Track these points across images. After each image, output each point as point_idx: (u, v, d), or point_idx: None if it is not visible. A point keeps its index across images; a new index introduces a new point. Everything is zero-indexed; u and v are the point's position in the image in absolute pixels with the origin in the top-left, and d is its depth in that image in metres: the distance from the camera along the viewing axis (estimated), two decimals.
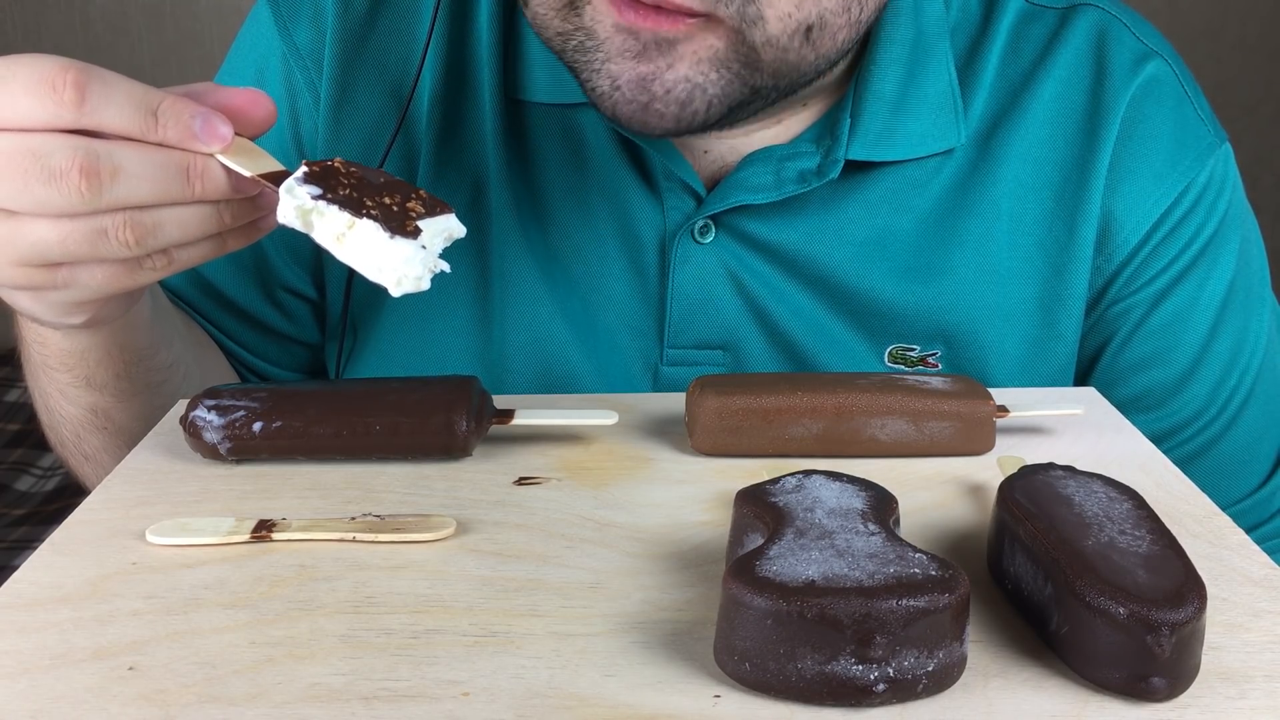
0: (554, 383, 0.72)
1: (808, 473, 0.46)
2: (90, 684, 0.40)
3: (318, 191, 0.48)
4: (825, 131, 0.70)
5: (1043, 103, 0.72)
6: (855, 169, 0.70)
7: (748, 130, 0.70)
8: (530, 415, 0.57)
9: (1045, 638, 0.41)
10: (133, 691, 0.39)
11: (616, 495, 0.53)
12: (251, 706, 0.38)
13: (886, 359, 0.72)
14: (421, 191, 0.51)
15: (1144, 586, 0.39)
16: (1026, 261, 0.72)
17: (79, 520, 0.51)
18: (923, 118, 0.70)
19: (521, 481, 0.54)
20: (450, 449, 0.55)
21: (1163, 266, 0.72)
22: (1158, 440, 0.71)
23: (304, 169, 0.49)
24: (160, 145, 0.48)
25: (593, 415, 0.57)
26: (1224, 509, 0.51)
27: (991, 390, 0.57)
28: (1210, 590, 0.40)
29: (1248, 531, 0.50)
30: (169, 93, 0.49)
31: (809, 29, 0.59)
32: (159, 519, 0.50)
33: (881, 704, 0.38)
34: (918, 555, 0.40)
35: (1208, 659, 0.40)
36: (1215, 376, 0.74)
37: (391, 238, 0.47)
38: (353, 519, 0.50)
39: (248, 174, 0.49)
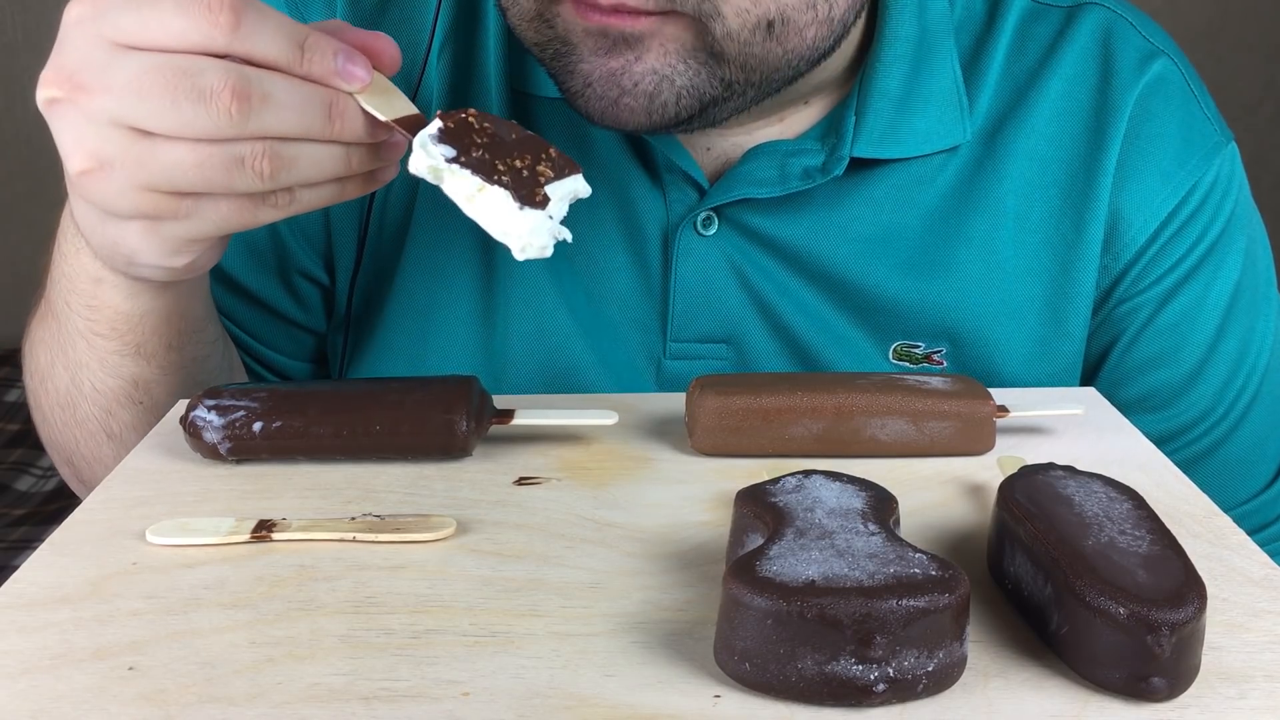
0: (557, 375, 0.72)
1: (808, 473, 0.46)
2: (90, 684, 0.40)
3: (452, 154, 0.49)
4: (830, 129, 0.70)
5: (1049, 101, 0.72)
6: (860, 166, 0.70)
7: (749, 128, 0.70)
8: (530, 415, 0.57)
9: (1045, 638, 0.41)
10: (133, 691, 0.39)
11: (616, 495, 0.53)
12: (251, 706, 0.38)
13: (891, 356, 0.72)
14: (553, 150, 0.51)
15: (1144, 586, 0.39)
16: (1033, 259, 0.72)
17: (79, 520, 0.51)
18: (928, 115, 0.70)
19: (521, 481, 0.54)
20: (450, 449, 0.55)
21: (1170, 266, 0.72)
22: (1164, 441, 0.71)
23: (439, 123, 0.50)
24: (305, 79, 0.49)
25: (593, 415, 0.57)
26: (1229, 510, 0.51)
27: (992, 390, 0.57)
28: (1210, 590, 0.39)
29: (1253, 534, 0.50)
30: (312, 28, 0.49)
31: (770, 24, 0.59)
32: (159, 519, 0.50)
33: (881, 704, 0.38)
34: (918, 555, 0.40)
35: (1208, 659, 0.40)
36: (1222, 377, 0.74)
37: (521, 208, 0.48)
38: (353, 519, 0.50)
39: (384, 118, 0.50)
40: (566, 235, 0.50)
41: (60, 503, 1.82)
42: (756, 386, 0.56)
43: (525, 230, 0.48)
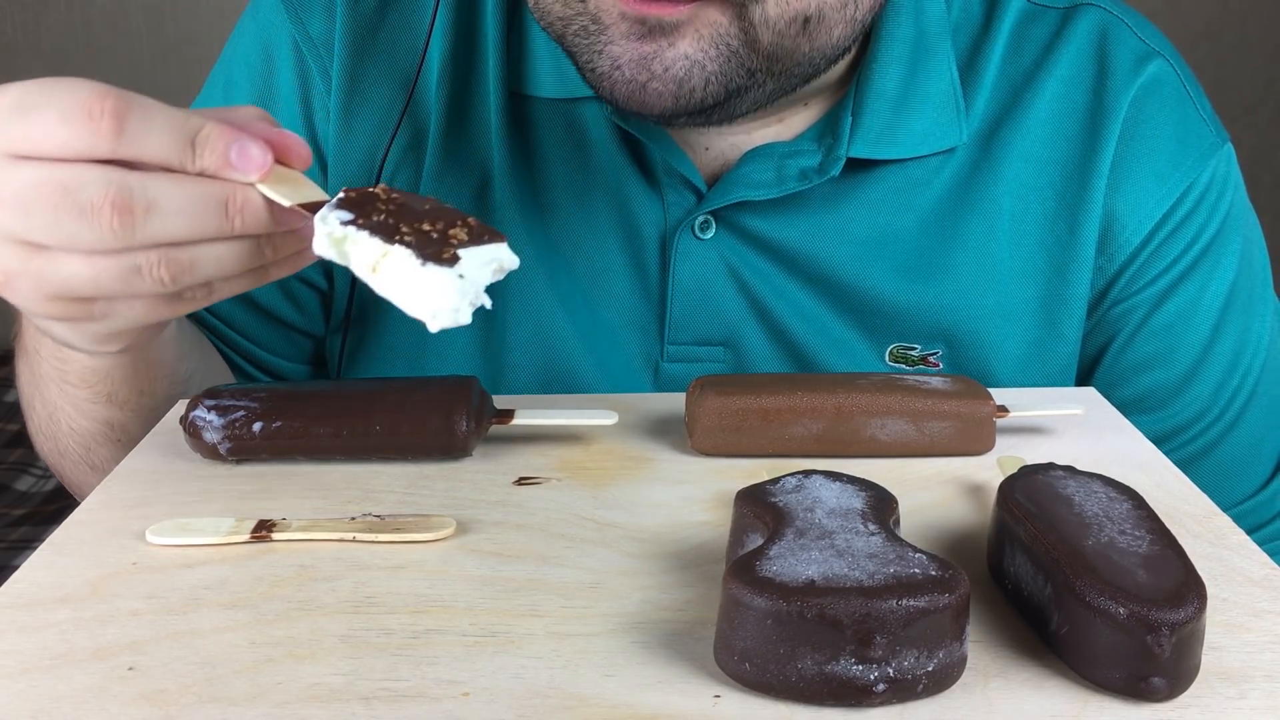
0: (556, 376, 0.72)
1: (808, 473, 0.46)
2: (90, 684, 0.40)
3: (349, 217, 0.45)
4: (827, 130, 0.70)
5: (1045, 102, 0.72)
6: (857, 167, 0.70)
7: (749, 128, 0.70)
8: (530, 415, 0.57)
9: (1045, 638, 0.41)
10: (133, 691, 0.39)
11: (616, 495, 0.53)
12: (251, 706, 0.38)
13: (887, 358, 0.72)
14: (471, 219, 0.47)
15: (1144, 586, 0.39)
16: (1028, 261, 0.72)
17: (79, 520, 0.51)
18: (924, 116, 0.70)
19: (521, 481, 0.54)
20: (450, 449, 0.55)
21: (1165, 267, 0.72)
22: (1159, 441, 0.71)
23: (341, 195, 0.47)
24: (198, 176, 0.47)
25: (593, 415, 0.57)
26: (1226, 510, 0.51)
27: (991, 390, 0.57)
28: (1210, 590, 0.40)
29: (1250, 533, 0.50)
30: (207, 118, 0.47)
31: (807, 20, 0.59)
32: (159, 519, 0.50)
33: (881, 704, 0.38)
34: (918, 555, 0.40)
35: (1208, 659, 0.40)
36: (1217, 377, 0.74)
37: (424, 264, 0.43)
38: (353, 519, 0.50)
39: (288, 203, 0.47)
40: (486, 301, 0.45)
41: (60, 503, 1.82)
42: (756, 386, 0.56)
43: (434, 291, 0.43)
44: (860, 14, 0.62)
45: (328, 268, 0.76)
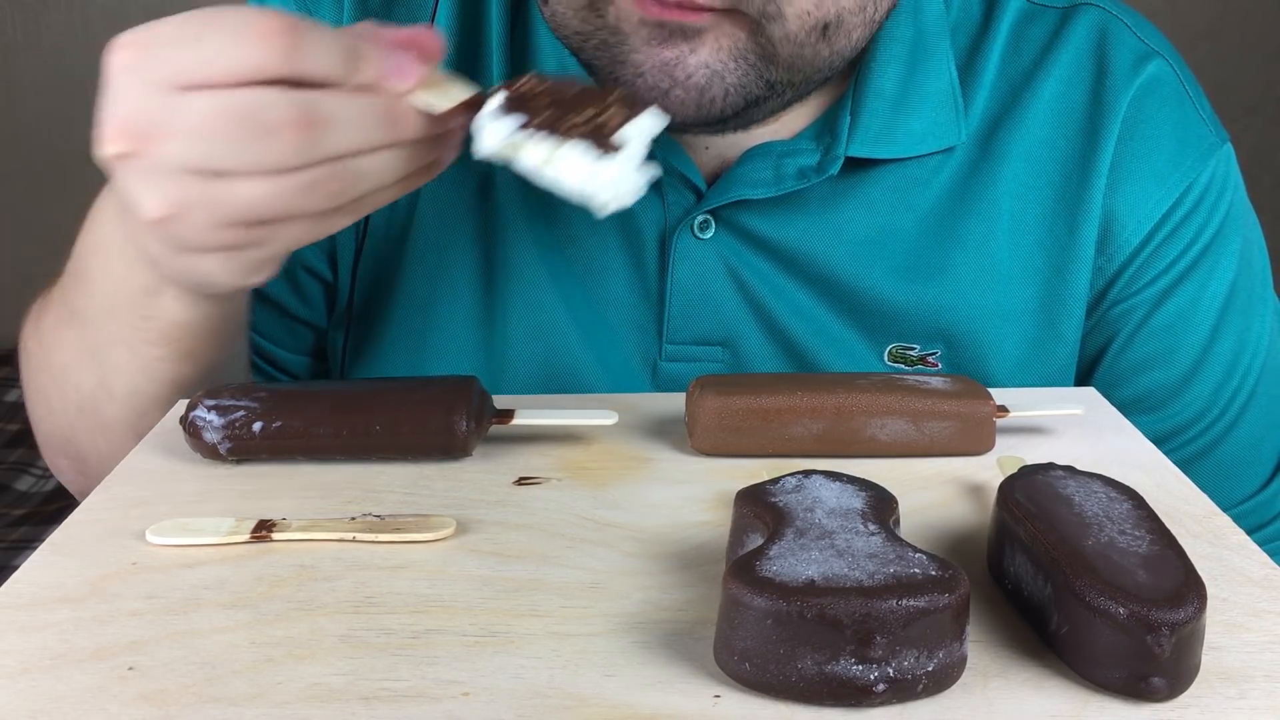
0: (556, 373, 0.72)
1: (808, 473, 0.46)
2: (90, 684, 0.40)
3: (520, 122, 0.48)
4: (825, 128, 0.70)
5: (1044, 102, 0.72)
6: (856, 166, 0.70)
7: (749, 127, 0.70)
8: (530, 415, 0.57)
9: (1045, 638, 0.41)
10: (133, 691, 0.39)
11: (616, 495, 0.53)
12: (251, 706, 0.38)
13: (886, 358, 0.72)
14: (618, 91, 0.50)
15: (1144, 586, 0.39)
16: (1027, 261, 0.72)
17: (79, 520, 0.51)
18: (923, 116, 0.70)
19: (521, 481, 0.54)
20: (450, 449, 0.55)
21: (1164, 267, 0.72)
22: (1159, 442, 0.71)
23: (501, 95, 0.48)
24: (359, 89, 0.48)
25: (593, 415, 0.57)
26: (1226, 510, 0.51)
27: (991, 390, 0.57)
28: (1210, 590, 0.39)
29: (1249, 533, 0.50)
30: (353, 33, 0.49)
31: (826, 26, 0.59)
32: (159, 519, 0.50)
33: (881, 704, 0.38)
34: (918, 555, 0.40)
35: (1208, 659, 0.40)
36: (1217, 378, 0.74)
37: (598, 158, 0.47)
38: (353, 519, 0.50)
39: (442, 109, 0.49)
40: (655, 172, 0.49)
41: (60, 503, 1.82)
42: (756, 386, 0.56)
43: (607, 181, 0.47)
44: (879, 15, 0.62)
45: (332, 257, 0.76)
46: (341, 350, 0.77)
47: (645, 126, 0.49)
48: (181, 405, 0.60)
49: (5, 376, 2.13)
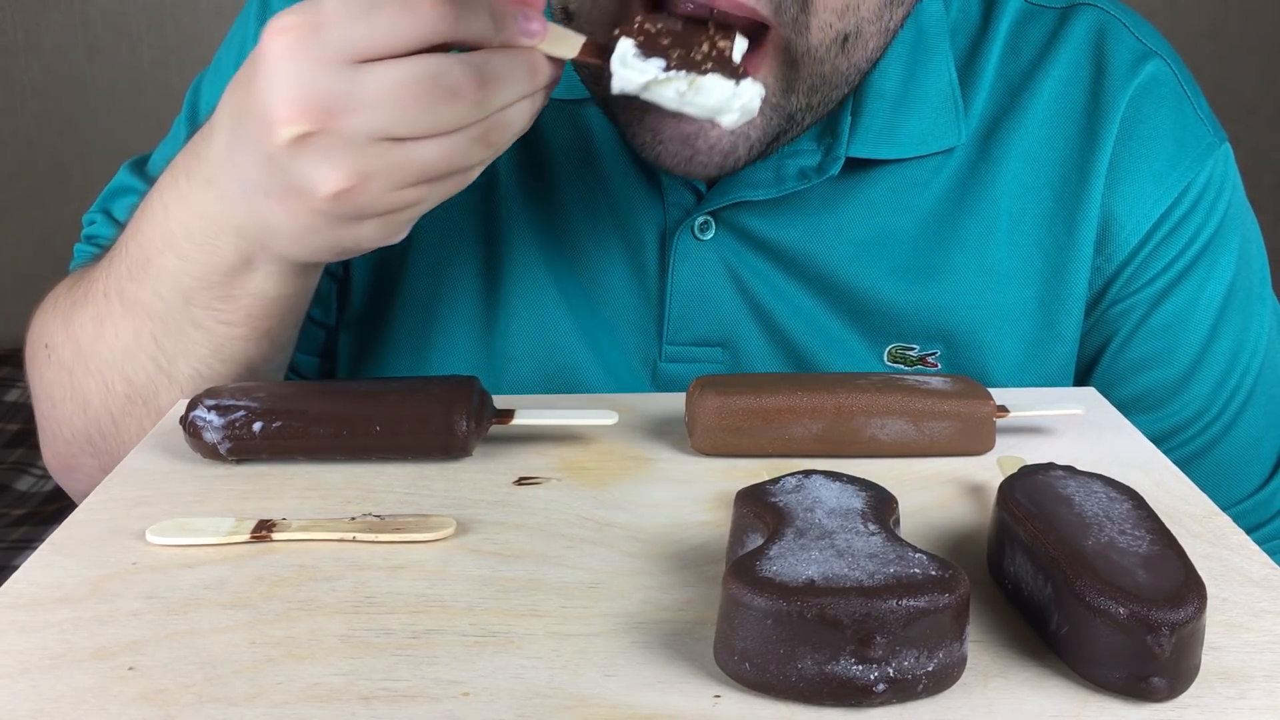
0: (556, 373, 0.72)
1: (808, 473, 0.46)
2: (90, 684, 0.40)
3: (661, 63, 0.53)
4: (826, 129, 0.70)
5: (1042, 102, 0.72)
6: (856, 167, 0.70)
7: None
8: (530, 415, 0.57)
9: (1045, 638, 0.41)
10: (133, 691, 0.39)
11: (616, 495, 0.53)
12: (251, 706, 0.38)
13: (886, 358, 0.72)
14: (715, 17, 0.55)
15: (1144, 586, 0.39)
16: (1026, 261, 0.72)
17: (79, 520, 0.51)
18: (923, 116, 0.70)
19: (521, 481, 0.54)
20: (450, 449, 0.55)
21: (1163, 267, 0.72)
22: (1158, 441, 0.71)
23: (630, 41, 0.53)
24: (501, 47, 0.51)
25: (593, 415, 0.57)
26: (1225, 510, 0.51)
27: (991, 390, 0.57)
28: (1210, 590, 0.39)
29: (1249, 532, 0.50)
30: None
31: (846, 38, 0.60)
32: (159, 519, 0.50)
33: (881, 704, 0.38)
34: (918, 555, 0.40)
35: (1208, 659, 0.40)
36: (1216, 377, 0.74)
37: (737, 84, 0.53)
38: (353, 519, 0.50)
39: (569, 56, 0.54)
40: (761, 90, 0.55)
41: (60, 503, 1.82)
42: (757, 386, 0.56)
43: (742, 100, 0.54)
44: (894, 23, 0.63)
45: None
46: (349, 352, 0.77)
47: (743, 46, 0.55)
48: (182, 405, 0.60)
49: (5, 376, 2.13)
